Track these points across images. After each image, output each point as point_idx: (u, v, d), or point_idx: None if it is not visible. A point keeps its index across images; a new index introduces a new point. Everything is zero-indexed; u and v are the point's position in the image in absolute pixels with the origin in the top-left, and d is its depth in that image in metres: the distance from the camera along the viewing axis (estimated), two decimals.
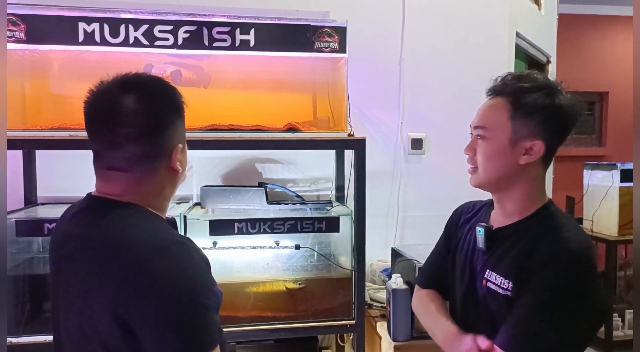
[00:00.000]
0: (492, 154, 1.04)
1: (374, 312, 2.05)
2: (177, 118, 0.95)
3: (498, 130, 1.03)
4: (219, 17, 1.79)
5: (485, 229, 1.08)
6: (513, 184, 1.05)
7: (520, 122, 1.01)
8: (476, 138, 1.07)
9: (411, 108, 2.45)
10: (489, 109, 1.07)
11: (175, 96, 0.96)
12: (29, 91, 1.90)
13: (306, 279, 1.89)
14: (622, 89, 4.85)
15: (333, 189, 2.29)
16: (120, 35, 1.71)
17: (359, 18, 2.21)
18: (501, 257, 1.05)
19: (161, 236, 0.87)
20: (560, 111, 1.01)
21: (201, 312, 0.81)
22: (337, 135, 1.92)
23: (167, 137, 0.92)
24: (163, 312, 0.78)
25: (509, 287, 1.00)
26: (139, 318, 0.79)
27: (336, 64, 2.00)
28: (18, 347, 1.62)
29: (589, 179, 3.51)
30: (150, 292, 0.78)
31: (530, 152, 1.02)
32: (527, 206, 1.06)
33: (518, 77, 1.05)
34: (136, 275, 0.80)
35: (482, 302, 1.07)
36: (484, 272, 1.07)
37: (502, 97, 1.05)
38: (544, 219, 1.03)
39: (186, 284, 0.80)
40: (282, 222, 1.79)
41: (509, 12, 2.56)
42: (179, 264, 0.82)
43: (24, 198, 2.00)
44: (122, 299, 0.80)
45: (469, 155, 1.09)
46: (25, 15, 1.67)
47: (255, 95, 2.06)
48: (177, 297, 0.79)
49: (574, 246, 0.96)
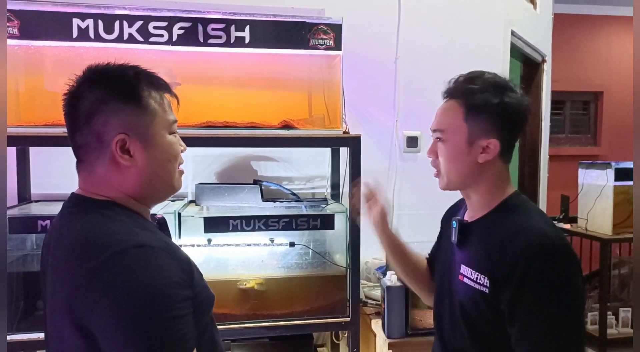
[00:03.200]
0: (452, 156, 1.07)
1: (368, 310, 2.05)
2: (120, 105, 0.85)
3: (454, 132, 1.06)
4: (214, 13, 1.78)
5: (459, 222, 1.11)
6: (476, 181, 1.08)
7: (474, 122, 1.05)
8: (436, 141, 1.10)
9: (406, 106, 2.45)
10: (444, 112, 1.10)
11: (127, 81, 0.86)
12: (23, 87, 1.89)
13: (301, 277, 1.89)
14: (617, 89, 4.87)
15: (328, 187, 2.29)
16: (115, 31, 1.71)
17: (355, 16, 2.21)
18: (473, 251, 1.07)
19: (121, 239, 0.79)
20: (510, 108, 1.04)
21: (160, 321, 0.74)
22: (333, 133, 1.92)
23: (100, 124, 0.84)
24: (115, 321, 0.73)
25: (485, 283, 1.01)
26: (95, 326, 0.75)
27: (331, 61, 1.99)
28: (11, 345, 1.62)
29: (584, 178, 3.53)
30: (103, 298, 0.74)
31: (487, 151, 1.04)
32: (491, 200, 1.08)
33: (469, 78, 1.08)
34: (89, 280, 0.75)
35: (457, 297, 1.09)
36: (459, 267, 1.09)
37: (455, 99, 1.08)
38: (507, 212, 1.05)
39: (141, 291, 0.74)
40: (277, 220, 1.79)
41: (505, 11, 2.57)
42: (134, 269, 0.76)
43: (18, 195, 1.99)
44: (77, 306, 0.75)
45: (431, 158, 1.13)
46: (19, 10, 1.66)
47: (251, 93, 2.06)
48: (131, 304, 0.73)
49: (544, 240, 0.95)
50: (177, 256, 0.83)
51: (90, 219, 0.83)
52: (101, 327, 0.74)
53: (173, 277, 0.78)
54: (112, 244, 0.78)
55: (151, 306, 0.74)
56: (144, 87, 0.88)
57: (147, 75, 0.90)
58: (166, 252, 0.81)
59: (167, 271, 0.78)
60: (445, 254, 1.19)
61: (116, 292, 0.74)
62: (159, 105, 0.89)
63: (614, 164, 3.27)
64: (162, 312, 0.75)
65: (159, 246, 0.81)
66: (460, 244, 1.11)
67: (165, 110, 0.90)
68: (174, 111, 0.94)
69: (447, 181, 1.10)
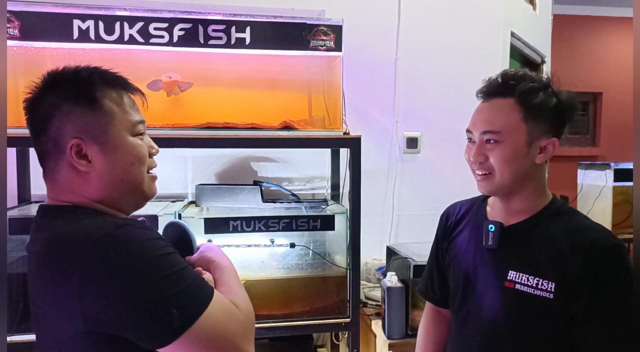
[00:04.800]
0: (510, 158, 1.00)
1: (368, 311, 2.06)
2: (72, 108, 0.81)
3: (513, 133, 1.00)
4: (214, 14, 1.78)
5: (497, 225, 1.05)
6: (524, 183, 1.04)
7: (534, 122, 1.00)
8: (484, 143, 1.03)
9: (406, 107, 2.45)
10: (497, 112, 1.02)
11: (79, 83, 0.83)
12: (23, 88, 1.89)
13: (301, 278, 1.89)
14: (616, 90, 4.88)
15: (328, 188, 2.29)
16: (115, 32, 1.71)
17: (355, 17, 2.21)
18: (525, 256, 1.01)
19: (96, 228, 0.76)
20: (565, 107, 1.02)
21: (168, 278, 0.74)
22: (333, 134, 1.92)
23: (54, 129, 0.81)
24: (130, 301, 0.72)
25: (549, 288, 0.96)
26: (112, 319, 0.73)
27: (332, 62, 2.00)
28: (11, 346, 1.62)
29: (583, 179, 3.53)
30: (105, 289, 0.72)
31: (545, 151, 1.02)
32: (535, 203, 1.05)
33: (520, 77, 1.03)
34: (81, 279, 0.72)
35: (503, 305, 1.02)
36: (504, 272, 1.02)
37: (507, 98, 1.02)
38: (557, 214, 1.03)
39: (137, 263, 0.73)
40: (277, 221, 1.79)
41: (504, 12, 2.57)
42: (121, 249, 0.74)
43: (18, 196, 1.99)
44: (77, 310, 0.73)
45: (479, 161, 1.03)
46: (20, 11, 1.66)
47: (251, 94, 2.06)
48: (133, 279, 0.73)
49: (613, 239, 0.96)
50: (154, 230, 0.82)
51: (57, 223, 0.80)
52: (122, 319, 0.73)
53: (160, 241, 0.79)
54: (89, 236, 0.75)
55: (153, 271, 0.73)
56: (99, 88, 0.84)
57: (102, 74, 0.86)
58: (142, 227, 0.80)
59: (151, 238, 0.77)
60: (467, 263, 1.11)
61: (114, 277, 0.72)
62: (117, 106, 0.84)
63: (613, 165, 3.27)
64: (166, 270, 0.74)
65: (135, 223, 0.80)
66: (500, 249, 1.04)
67: (125, 110, 0.85)
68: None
69: (500, 183, 1.02)
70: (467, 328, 1.10)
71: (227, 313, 0.79)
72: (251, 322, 0.84)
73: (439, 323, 1.25)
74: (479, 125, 1.03)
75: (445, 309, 1.23)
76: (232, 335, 0.78)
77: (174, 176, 2.18)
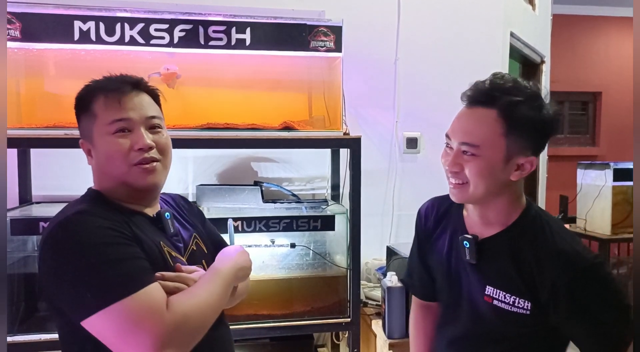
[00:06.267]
0: (485, 172, 0.96)
1: (369, 310, 2.06)
2: (79, 114, 0.99)
3: (491, 147, 0.95)
4: (214, 16, 1.79)
5: (472, 241, 1.03)
6: (498, 196, 1.01)
7: (514, 138, 0.94)
8: (461, 153, 0.98)
9: (406, 107, 2.46)
10: (478, 123, 0.96)
11: (81, 95, 0.98)
12: (24, 89, 1.90)
13: (301, 278, 1.90)
14: (616, 89, 4.89)
15: (328, 188, 2.30)
16: (116, 33, 1.71)
17: (355, 17, 2.22)
18: (499, 272, 1.00)
19: (68, 211, 0.91)
20: (549, 124, 0.97)
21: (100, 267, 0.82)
22: (333, 134, 1.92)
23: (80, 129, 1.00)
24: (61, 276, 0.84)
25: (525, 307, 0.96)
26: (52, 293, 0.86)
27: (332, 63, 2.00)
28: (13, 346, 1.62)
29: (582, 178, 3.54)
30: (48, 263, 0.86)
31: (522, 168, 0.97)
32: (509, 214, 1.03)
33: (508, 88, 0.96)
34: (39, 256, 0.88)
35: (484, 317, 1.03)
36: (482, 287, 1.03)
37: (490, 108, 0.95)
38: (530, 227, 1.01)
39: (74, 245, 0.84)
40: (277, 221, 1.80)
41: (504, 12, 2.58)
42: (69, 231, 0.85)
43: (19, 197, 1.99)
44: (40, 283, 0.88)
45: (454, 170, 0.99)
46: (21, 13, 1.66)
47: (251, 94, 2.06)
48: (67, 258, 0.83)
49: (578, 258, 0.94)
50: (114, 219, 0.90)
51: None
52: (55, 291, 0.86)
53: (109, 231, 0.87)
54: (59, 217, 0.89)
55: (83, 253, 0.83)
56: (95, 95, 0.96)
57: (103, 82, 0.98)
58: (102, 217, 0.89)
59: (101, 227, 0.86)
60: (450, 270, 1.10)
61: (55, 254, 0.85)
62: (100, 109, 0.95)
63: (612, 165, 3.27)
64: (95, 255, 0.83)
65: (99, 214, 0.90)
66: (478, 263, 1.03)
67: (106, 111, 0.95)
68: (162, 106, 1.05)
69: (473, 195, 0.99)
70: (449, 329, 1.12)
71: (145, 310, 0.81)
72: (180, 327, 0.83)
73: (428, 318, 1.24)
74: (459, 134, 0.99)
75: (432, 303, 1.23)
76: (140, 331, 0.79)
77: (174, 176, 2.19)
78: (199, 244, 1.09)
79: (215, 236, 1.18)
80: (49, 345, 1.62)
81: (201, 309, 0.88)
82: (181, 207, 1.15)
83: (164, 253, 0.95)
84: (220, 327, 1.04)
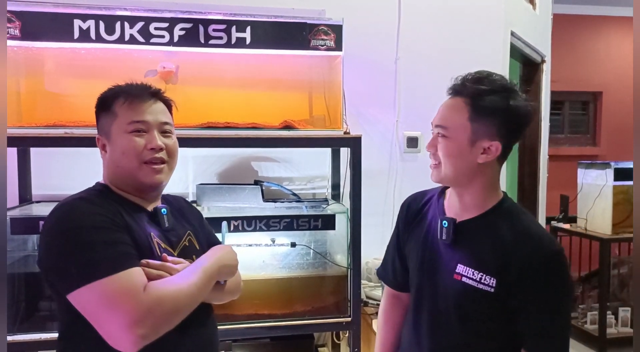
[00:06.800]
0: (452, 153, 1.08)
1: (369, 310, 2.06)
2: (100, 112, 1.09)
3: (458, 130, 1.07)
4: (215, 14, 1.79)
5: (450, 221, 1.11)
6: (471, 180, 1.09)
7: (479, 123, 1.05)
8: (437, 136, 1.11)
9: (407, 107, 2.45)
10: (449, 109, 1.10)
11: (105, 95, 1.09)
12: (24, 88, 1.89)
13: (302, 277, 1.89)
14: (616, 89, 4.88)
15: (329, 187, 2.30)
16: (116, 32, 1.71)
17: (355, 16, 2.21)
18: (473, 251, 1.08)
19: (69, 198, 1.01)
20: (516, 113, 1.06)
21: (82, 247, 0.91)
22: (333, 134, 1.92)
23: (98, 125, 1.10)
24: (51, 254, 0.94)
25: (491, 283, 1.04)
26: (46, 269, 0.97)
27: (332, 62, 2.00)
28: (14, 345, 1.62)
29: (583, 178, 3.54)
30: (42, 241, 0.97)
31: (488, 152, 1.06)
32: (485, 200, 1.10)
33: (477, 79, 1.08)
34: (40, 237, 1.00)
35: (452, 295, 1.09)
36: (454, 266, 1.10)
37: (462, 97, 1.08)
38: (506, 214, 1.09)
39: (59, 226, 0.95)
40: (278, 220, 1.80)
41: (504, 12, 2.58)
42: (61, 214, 0.97)
43: (19, 196, 1.99)
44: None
45: (430, 151, 1.13)
46: (21, 12, 1.66)
47: (252, 93, 2.06)
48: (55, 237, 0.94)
49: (553, 247, 1.05)
50: (109, 207, 1.00)
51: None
52: (46, 264, 0.96)
53: (98, 217, 0.96)
54: (61, 202, 1.00)
55: (73, 233, 0.93)
56: (117, 97, 1.07)
57: (126, 87, 1.10)
58: (96, 205, 0.99)
59: (92, 212, 0.96)
60: (424, 251, 1.17)
61: (49, 230, 0.96)
62: (121, 109, 1.06)
63: (613, 164, 3.28)
64: (83, 236, 0.92)
65: (96, 201, 1.00)
66: (454, 244, 1.11)
67: (126, 112, 1.06)
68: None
69: (443, 175, 1.10)
70: (421, 312, 1.17)
71: (124, 290, 0.90)
72: (153, 309, 0.90)
73: (397, 308, 1.32)
74: (435, 119, 1.13)
75: (403, 294, 1.30)
76: (117, 308, 0.88)
77: (175, 175, 2.14)
78: (192, 241, 1.17)
79: (211, 237, 1.26)
80: (49, 344, 1.62)
81: (176, 295, 0.96)
82: (182, 207, 1.24)
83: (152, 244, 1.04)
84: (208, 325, 1.12)
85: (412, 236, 1.23)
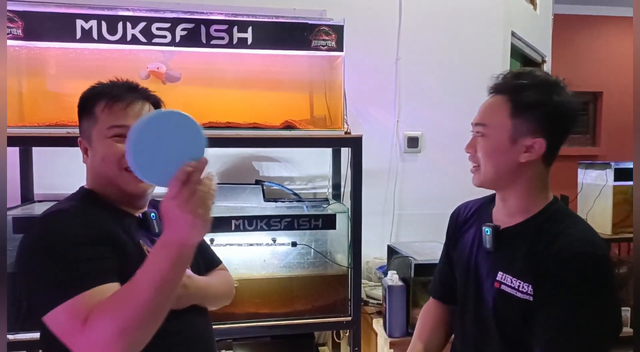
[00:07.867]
0: (491, 151, 1.03)
1: (370, 309, 2.06)
2: (81, 113, 1.05)
3: (497, 127, 1.02)
4: (216, 15, 1.79)
5: (493, 228, 1.06)
6: (513, 181, 1.03)
7: (520, 119, 1.00)
8: (476, 135, 1.06)
9: (407, 107, 2.46)
10: (489, 107, 1.05)
11: (85, 96, 1.04)
12: (26, 88, 1.90)
13: (302, 276, 1.90)
14: (616, 89, 4.88)
15: (329, 187, 2.30)
16: (118, 32, 1.72)
17: (356, 17, 2.22)
18: (512, 258, 1.03)
19: (48, 210, 0.96)
20: (560, 108, 1.00)
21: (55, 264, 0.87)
22: (334, 134, 1.93)
23: (80, 127, 1.06)
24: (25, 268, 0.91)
25: (528, 291, 0.98)
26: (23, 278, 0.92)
27: (333, 62, 2.01)
28: (15, 344, 1.63)
29: (583, 178, 3.54)
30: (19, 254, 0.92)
31: (531, 150, 1.00)
32: (530, 204, 1.04)
33: (517, 74, 1.04)
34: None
35: (491, 304, 1.05)
36: (495, 274, 1.05)
37: (502, 94, 1.03)
38: (550, 218, 1.02)
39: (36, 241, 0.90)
40: (279, 220, 1.80)
41: (505, 12, 2.58)
42: (42, 227, 0.91)
43: (21, 195, 1.99)
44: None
45: (470, 153, 1.08)
46: (23, 12, 1.67)
47: (253, 93, 2.07)
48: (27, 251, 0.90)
49: (589, 248, 0.94)
50: (89, 219, 0.94)
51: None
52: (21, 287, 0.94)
53: (80, 231, 0.90)
54: (43, 213, 0.95)
55: (46, 252, 0.88)
56: (98, 99, 1.02)
57: (108, 87, 1.03)
58: (77, 216, 0.93)
59: (71, 227, 0.91)
60: (468, 260, 1.14)
61: (23, 250, 0.91)
62: (102, 113, 1.01)
63: (613, 164, 3.27)
64: (59, 256, 0.87)
65: (77, 213, 0.94)
66: (496, 251, 1.06)
67: (107, 116, 1.00)
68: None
69: (484, 177, 1.05)
70: (466, 321, 1.14)
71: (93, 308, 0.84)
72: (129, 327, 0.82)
73: (439, 311, 1.29)
74: (475, 118, 1.07)
75: (449, 305, 1.27)
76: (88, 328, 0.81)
77: None
78: None
79: (202, 241, 1.19)
80: None
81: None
82: None
83: (143, 251, 1.00)
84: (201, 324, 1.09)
85: (460, 243, 1.20)
